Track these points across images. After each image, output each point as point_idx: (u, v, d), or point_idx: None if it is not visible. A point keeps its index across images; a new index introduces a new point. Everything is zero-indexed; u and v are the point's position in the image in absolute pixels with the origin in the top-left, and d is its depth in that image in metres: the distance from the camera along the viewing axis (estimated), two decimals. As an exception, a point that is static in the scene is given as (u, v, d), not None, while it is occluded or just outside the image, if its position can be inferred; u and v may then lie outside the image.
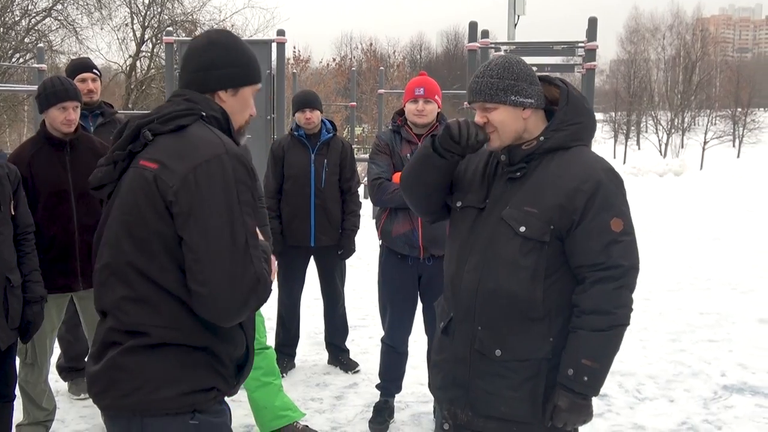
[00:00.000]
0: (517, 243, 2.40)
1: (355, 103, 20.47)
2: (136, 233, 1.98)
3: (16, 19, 24.89)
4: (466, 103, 10.04)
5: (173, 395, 1.97)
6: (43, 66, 13.12)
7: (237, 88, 2.18)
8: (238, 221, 1.95)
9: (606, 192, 2.37)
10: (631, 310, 2.43)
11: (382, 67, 25.42)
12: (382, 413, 4.54)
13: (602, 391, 5.00)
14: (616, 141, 61.84)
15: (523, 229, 2.39)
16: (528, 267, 2.39)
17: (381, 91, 19.38)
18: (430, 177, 2.61)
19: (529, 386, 2.45)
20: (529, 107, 2.45)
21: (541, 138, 2.45)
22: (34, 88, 13.89)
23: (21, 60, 24.33)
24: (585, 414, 2.43)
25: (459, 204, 2.60)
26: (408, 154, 4.29)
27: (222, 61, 2.15)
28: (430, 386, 2.75)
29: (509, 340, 2.44)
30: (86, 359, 2.11)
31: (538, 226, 2.38)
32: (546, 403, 2.45)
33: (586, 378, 2.36)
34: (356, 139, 24.99)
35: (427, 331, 4.45)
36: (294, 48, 36.23)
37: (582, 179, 2.37)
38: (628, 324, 2.42)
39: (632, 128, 64.15)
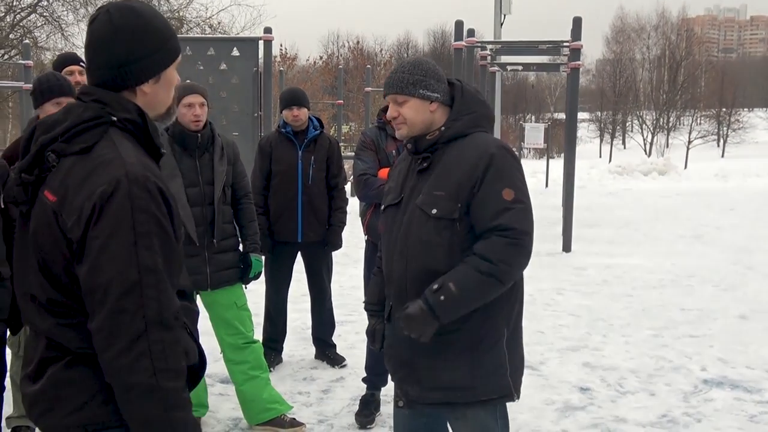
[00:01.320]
0: (431, 224, 2.64)
1: (342, 101, 20.52)
2: (51, 268, 1.82)
3: (1, 15, 24.74)
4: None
5: None
6: (30, 62, 13.06)
7: (159, 74, 1.93)
8: (129, 255, 1.73)
9: (498, 165, 2.61)
10: (514, 271, 2.61)
11: (369, 66, 25.43)
12: (369, 406, 4.60)
13: (585, 384, 5.12)
14: (602, 140, 62.20)
15: (434, 211, 2.63)
16: (443, 244, 2.63)
17: (368, 89, 19.45)
18: None
19: (465, 354, 2.66)
20: (436, 101, 2.73)
21: (443, 128, 2.72)
22: (20, 84, 13.85)
23: (6, 56, 24.19)
24: (423, 327, 2.59)
25: (382, 207, 2.92)
26: (393, 151, 4.36)
27: (136, 51, 1.87)
28: (390, 374, 2.94)
29: None
30: (21, 380, 1.97)
31: (447, 206, 2.62)
32: (485, 366, 2.66)
33: (442, 297, 2.54)
34: (343, 137, 25.01)
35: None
36: (281, 46, 36.22)
37: (478, 155, 2.63)
38: (503, 282, 2.59)
39: (618, 127, 64.47)
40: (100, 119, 1.84)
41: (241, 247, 4.48)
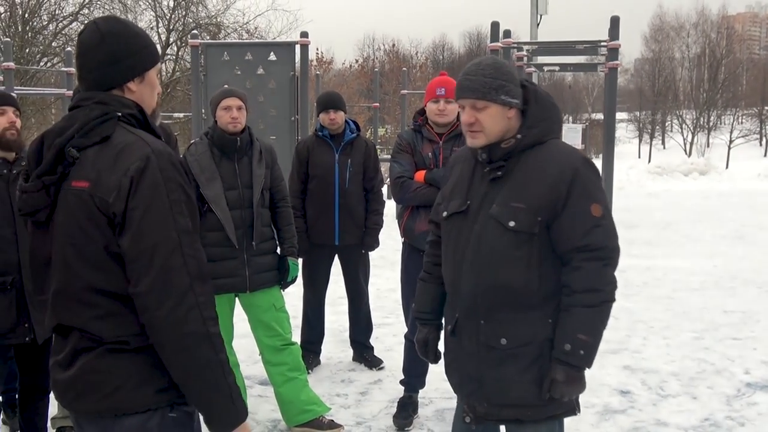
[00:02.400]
0: (508, 237, 2.54)
1: (378, 104, 20.55)
2: (89, 255, 1.95)
3: (44, 23, 25.24)
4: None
5: (152, 392, 1.98)
6: (72, 70, 13.31)
7: (143, 74, 2.11)
8: (167, 220, 1.92)
9: (584, 180, 2.52)
10: (616, 287, 2.57)
11: (405, 68, 25.44)
12: (407, 408, 4.60)
13: (625, 387, 5.07)
14: (640, 140, 61.44)
15: (512, 223, 2.52)
16: (521, 258, 2.54)
17: (404, 91, 19.43)
18: None
19: (535, 369, 2.59)
20: (514, 107, 2.59)
21: (519, 136, 2.58)
22: (62, 91, 14.13)
23: (49, 64, 24.66)
24: (580, 386, 2.57)
25: (445, 214, 2.76)
26: (429, 153, 4.37)
27: (122, 51, 2.05)
28: (451, 385, 2.88)
29: (511, 328, 2.60)
30: (51, 366, 2.10)
31: (527, 219, 2.51)
32: (544, 378, 2.59)
33: (582, 351, 2.49)
34: (379, 140, 25.06)
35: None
36: (317, 50, 36.42)
37: (561, 169, 2.52)
38: (614, 300, 2.56)
39: (657, 127, 63.65)
40: (107, 115, 2.00)
41: (278, 251, 4.52)
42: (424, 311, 2.97)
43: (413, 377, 4.64)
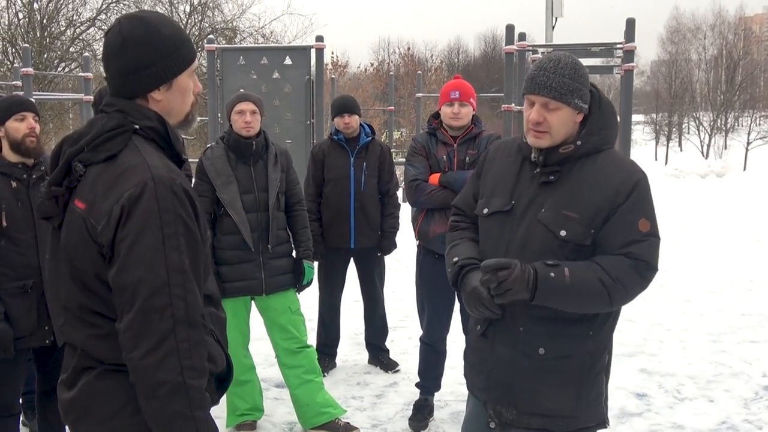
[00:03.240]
0: (556, 245, 2.42)
1: (393, 108, 20.56)
2: (83, 277, 1.87)
3: (62, 29, 25.46)
4: (505, 106, 10.06)
5: None
6: (90, 75, 13.42)
7: (170, 81, 1.95)
8: (157, 255, 1.77)
9: (641, 193, 2.42)
10: (627, 297, 2.42)
11: (420, 71, 25.44)
12: (422, 411, 4.61)
13: (642, 390, 5.05)
14: (657, 142, 61.07)
15: (563, 233, 2.40)
16: None
17: (419, 95, 19.44)
18: None
19: (573, 382, 2.50)
20: (583, 112, 2.48)
21: (578, 142, 2.47)
22: (80, 96, 14.24)
23: (66, 69, 24.88)
24: (519, 288, 2.35)
25: (486, 211, 2.61)
26: (444, 156, 4.39)
27: (144, 59, 1.90)
28: (471, 386, 2.78)
29: (551, 338, 2.49)
30: (58, 384, 2.03)
31: (580, 231, 2.40)
32: (590, 395, 2.50)
33: (552, 274, 2.34)
34: (394, 143, 25.07)
35: (464, 331, 4.51)
36: (332, 53, 36.47)
37: (622, 181, 2.41)
38: (612, 302, 2.40)
39: (674, 129, 63.24)
40: (122, 128, 1.89)
41: (294, 254, 4.54)
42: (471, 257, 2.61)
43: (428, 380, 4.66)
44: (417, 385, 4.72)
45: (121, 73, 1.92)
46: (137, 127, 1.91)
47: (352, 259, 5.66)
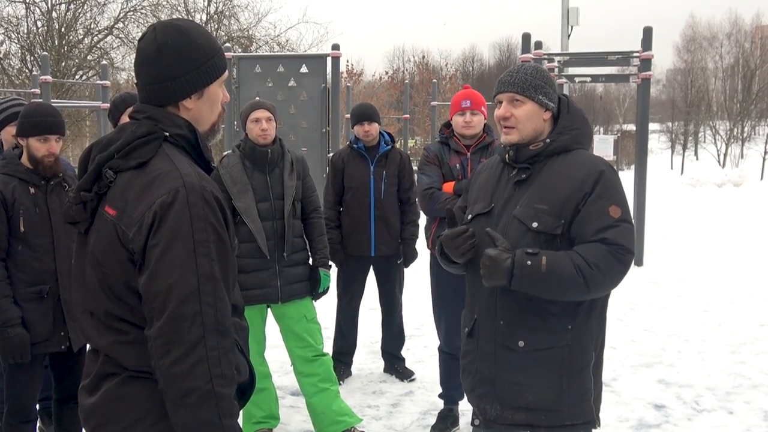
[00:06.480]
0: (530, 238, 2.55)
1: (408, 116, 20.58)
2: (111, 284, 1.85)
3: (80, 37, 25.68)
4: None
5: (171, 429, 1.83)
6: (107, 83, 13.55)
7: (202, 90, 1.96)
8: (188, 262, 1.76)
9: (607, 181, 2.55)
10: (605, 282, 2.48)
11: (434, 80, 25.45)
12: (445, 421, 4.58)
13: (660, 401, 5.00)
14: (673, 152, 60.81)
15: (535, 224, 2.54)
16: None
17: (434, 103, 19.45)
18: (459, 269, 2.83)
19: (553, 375, 2.58)
20: (549, 111, 2.67)
21: (547, 140, 2.64)
22: (97, 104, 14.34)
23: (84, 77, 25.09)
24: (495, 273, 2.50)
25: (469, 217, 2.77)
26: (457, 164, 4.40)
27: (178, 68, 1.90)
28: (465, 391, 2.86)
29: (531, 331, 2.58)
30: (79, 390, 2.01)
31: (550, 221, 2.54)
32: (573, 390, 2.57)
33: (529, 262, 2.45)
34: (409, 151, 25.08)
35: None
36: (347, 61, 36.60)
37: (587, 172, 2.56)
38: (589, 289, 2.46)
39: (690, 138, 62.94)
40: (153, 135, 1.89)
41: (310, 261, 4.54)
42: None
43: (451, 389, 4.61)
44: (440, 395, 4.68)
45: (155, 80, 1.91)
46: (167, 134, 1.91)
47: (371, 267, 5.65)
